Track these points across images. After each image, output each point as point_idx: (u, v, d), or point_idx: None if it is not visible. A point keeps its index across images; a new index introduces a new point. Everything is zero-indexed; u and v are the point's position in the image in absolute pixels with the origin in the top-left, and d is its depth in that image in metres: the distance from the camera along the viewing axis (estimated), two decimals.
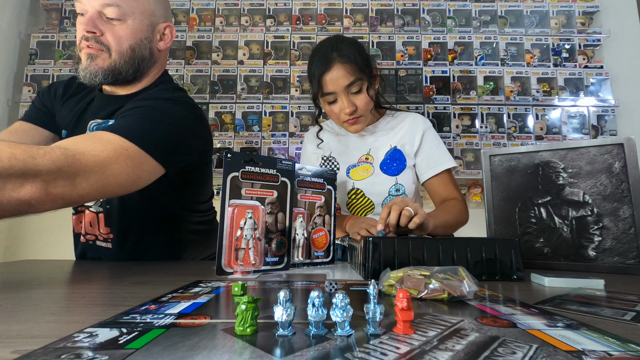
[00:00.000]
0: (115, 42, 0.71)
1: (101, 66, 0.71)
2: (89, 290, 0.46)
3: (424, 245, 0.57)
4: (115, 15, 0.70)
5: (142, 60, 0.75)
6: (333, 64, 0.87)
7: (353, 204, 0.98)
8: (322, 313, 0.28)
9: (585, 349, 0.25)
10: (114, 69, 0.72)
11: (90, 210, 0.77)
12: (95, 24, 0.69)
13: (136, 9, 0.72)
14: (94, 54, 0.71)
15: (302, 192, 0.70)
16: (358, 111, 0.90)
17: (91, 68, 0.71)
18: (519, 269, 0.57)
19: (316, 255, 0.71)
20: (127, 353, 0.23)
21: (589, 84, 1.54)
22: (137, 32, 0.73)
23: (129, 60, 0.73)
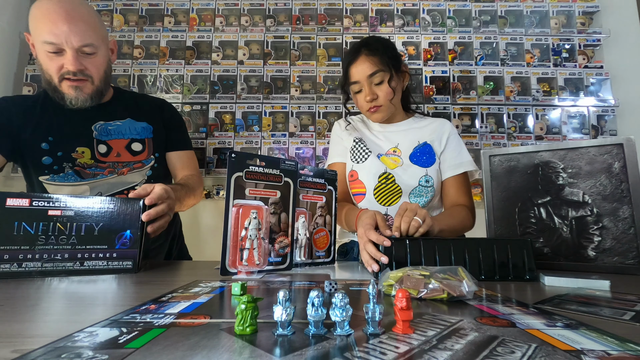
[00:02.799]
0: (96, 72, 0.86)
1: (88, 93, 0.85)
2: (89, 290, 0.46)
3: (435, 246, 0.58)
4: (91, 51, 0.82)
5: (109, 77, 0.92)
6: (359, 56, 0.95)
7: (382, 189, 0.98)
8: (321, 313, 0.28)
9: (584, 348, 0.25)
10: (98, 92, 0.88)
11: (135, 189, 0.86)
12: (80, 62, 0.81)
13: (101, 40, 0.85)
14: (81, 85, 0.84)
15: (304, 193, 0.70)
16: (378, 100, 0.96)
17: (81, 97, 0.85)
18: (531, 269, 0.57)
19: (317, 255, 0.71)
20: (127, 352, 0.23)
21: (589, 84, 1.54)
22: (105, 57, 0.88)
23: (105, 81, 0.89)
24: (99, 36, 0.84)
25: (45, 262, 0.58)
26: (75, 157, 0.88)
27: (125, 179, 0.92)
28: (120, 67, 1.55)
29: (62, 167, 0.88)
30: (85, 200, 0.62)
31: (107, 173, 0.90)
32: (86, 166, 0.89)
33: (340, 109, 1.52)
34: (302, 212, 0.69)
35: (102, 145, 0.91)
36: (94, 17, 0.84)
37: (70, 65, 0.80)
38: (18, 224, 0.57)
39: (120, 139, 0.93)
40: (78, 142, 0.89)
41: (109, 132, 0.93)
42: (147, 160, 0.95)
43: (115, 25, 1.58)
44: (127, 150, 0.93)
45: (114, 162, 0.91)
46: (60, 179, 0.88)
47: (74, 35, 0.78)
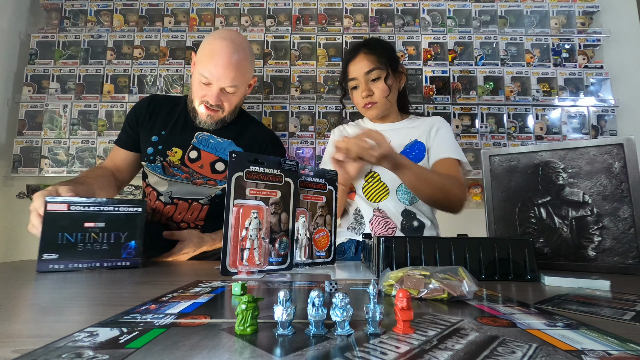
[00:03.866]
0: (229, 106, 0.99)
1: (216, 120, 0.99)
2: (89, 290, 0.46)
3: (435, 246, 0.58)
4: (233, 91, 0.97)
5: (238, 108, 1.04)
6: (358, 54, 1.00)
7: (368, 188, 1.02)
8: (322, 313, 0.28)
9: (585, 348, 0.25)
10: (223, 120, 1.01)
11: (199, 202, 0.99)
12: (220, 99, 0.95)
13: (244, 82, 0.99)
14: (213, 114, 0.98)
15: (304, 192, 0.70)
16: (374, 97, 1.00)
17: (209, 122, 0.99)
18: (532, 269, 0.57)
19: (318, 255, 0.71)
20: (127, 352, 0.23)
21: (589, 84, 1.54)
22: (242, 94, 1.02)
23: (232, 113, 1.02)
24: (244, 79, 0.98)
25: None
26: (168, 154, 0.99)
27: (195, 189, 0.99)
28: (121, 67, 1.55)
29: (155, 159, 0.99)
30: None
31: (183, 178, 0.99)
32: (172, 164, 0.99)
33: (340, 109, 1.52)
34: (302, 212, 0.69)
35: (194, 151, 1.00)
36: (247, 62, 0.98)
37: (211, 99, 0.94)
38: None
39: (211, 154, 1.01)
40: (177, 143, 1.00)
41: (207, 144, 1.02)
42: (221, 182, 1.00)
43: (115, 25, 1.58)
44: (210, 166, 1.00)
45: (194, 171, 0.99)
46: (151, 167, 1.00)
47: (224, 79, 0.93)
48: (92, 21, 1.59)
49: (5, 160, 1.49)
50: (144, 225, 0.68)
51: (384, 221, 0.99)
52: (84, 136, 1.50)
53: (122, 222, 0.67)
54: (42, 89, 1.54)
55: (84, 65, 1.55)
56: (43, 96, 1.52)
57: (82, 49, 1.56)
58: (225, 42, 0.92)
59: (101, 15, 1.60)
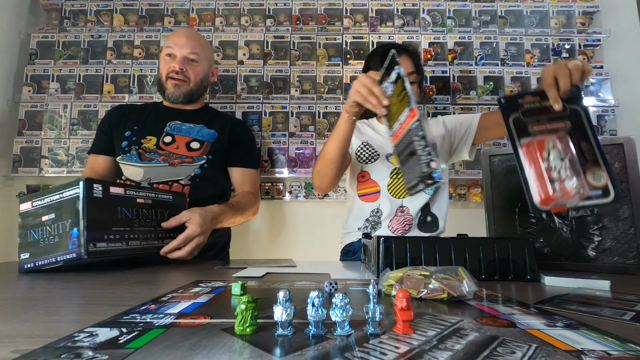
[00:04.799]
0: (194, 76, 1.09)
1: (183, 91, 1.08)
2: (89, 290, 0.46)
3: (435, 246, 0.57)
4: (195, 59, 1.08)
5: (204, 88, 1.16)
6: (402, 54, 1.02)
7: (394, 184, 1.04)
8: (321, 313, 0.28)
9: (585, 348, 0.25)
10: (191, 93, 1.09)
11: (180, 182, 1.01)
12: (183, 64, 1.06)
13: (205, 55, 1.11)
14: (179, 84, 1.07)
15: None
16: None
17: (177, 93, 1.07)
18: (532, 269, 0.57)
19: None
20: (127, 353, 0.23)
21: (589, 84, 1.54)
22: (204, 70, 1.12)
23: (198, 88, 1.11)
24: (204, 55, 1.11)
25: (142, 241, 0.69)
26: (143, 142, 1.04)
27: (174, 170, 1.02)
28: (121, 67, 1.54)
29: (130, 149, 1.03)
30: (154, 191, 0.76)
31: (161, 160, 1.02)
32: (147, 150, 1.03)
33: (341, 109, 1.52)
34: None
35: (168, 137, 1.06)
36: (206, 44, 1.14)
37: (176, 64, 1.04)
38: (120, 209, 0.67)
39: (185, 136, 1.07)
40: (151, 132, 1.05)
41: (180, 129, 1.08)
42: (198, 158, 1.05)
43: (115, 25, 1.58)
44: (185, 146, 1.05)
45: (170, 152, 1.03)
46: (126, 158, 1.03)
47: (186, 46, 1.06)
48: (92, 21, 1.59)
49: (5, 160, 1.49)
50: (86, 208, 0.60)
51: (403, 218, 1.02)
52: (84, 136, 1.50)
53: (65, 209, 0.61)
54: (42, 89, 1.54)
55: (84, 65, 1.55)
56: (43, 96, 1.52)
57: (82, 49, 1.56)
58: (186, 27, 1.06)
59: (101, 15, 1.60)
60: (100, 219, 0.62)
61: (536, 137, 0.57)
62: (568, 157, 0.55)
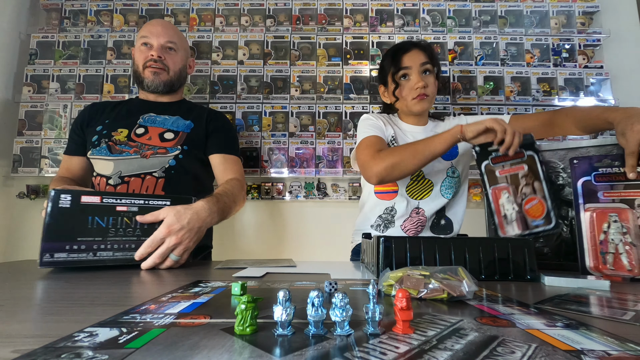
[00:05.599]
0: (172, 65, 1.07)
1: (162, 80, 1.05)
2: (89, 290, 0.46)
3: (435, 246, 0.57)
4: (173, 47, 1.06)
5: (183, 79, 1.13)
6: (413, 48, 1.03)
7: (414, 185, 1.04)
8: (321, 313, 0.28)
9: (585, 348, 0.25)
10: (170, 83, 1.07)
11: (153, 175, 0.96)
12: (162, 52, 1.04)
13: (181, 45, 1.10)
14: (158, 72, 1.04)
15: (500, 168, 0.73)
16: (427, 90, 1.01)
17: (156, 81, 1.05)
18: (532, 269, 0.57)
19: (535, 224, 0.69)
20: (127, 352, 0.23)
21: (589, 84, 1.54)
22: (182, 60, 1.10)
23: (178, 78, 1.09)
24: (181, 44, 1.09)
25: (116, 252, 0.65)
26: (113, 134, 0.99)
27: (145, 162, 0.96)
28: (121, 67, 1.55)
29: (100, 142, 0.98)
30: (147, 197, 0.70)
31: (132, 152, 0.96)
32: (117, 142, 0.98)
33: (341, 109, 1.52)
34: (502, 187, 0.70)
35: (141, 129, 1.01)
36: (181, 34, 1.12)
37: (154, 52, 1.02)
38: (92, 219, 0.64)
39: (159, 127, 1.02)
40: (122, 124, 1.01)
41: (154, 121, 1.04)
42: (172, 149, 0.99)
43: (115, 25, 1.58)
44: (158, 137, 1.00)
45: (142, 143, 0.98)
46: (96, 152, 0.98)
47: (163, 35, 1.04)
48: (92, 21, 1.59)
49: (5, 160, 1.49)
50: (47, 218, 0.61)
51: (417, 219, 1.02)
52: None
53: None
54: (42, 89, 1.54)
55: (84, 65, 1.55)
56: (43, 96, 1.52)
57: (82, 49, 1.56)
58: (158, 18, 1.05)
59: (101, 15, 1.60)
60: (62, 229, 0.61)
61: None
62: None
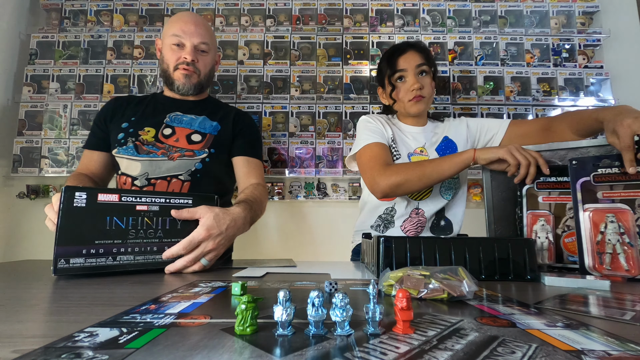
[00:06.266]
0: (203, 67, 1.03)
1: (193, 83, 1.02)
2: (89, 290, 0.46)
3: (435, 246, 0.57)
4: (205, 49, 1.02)
5: (211, 78, 1.10)
6: (409, 50, 1.02)
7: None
8: (321, 313, 0.28)
9: (585, 348, 0.25)
10: (199, 85, 1.04)
11: (179, 178, 0.95)
12: (195, 55, 1.00)
13: (212, 45, 1.05)
14: (190, 74, 1.01)
15: (545, 194, 0.69)
16: (423, 91, 1.01)
17: (187, 84, 1.01)
18: (532, 269, 0.57)
19: (571, 260, 0.66)
20: (127, 353, 0.23)
21: (589, 84, 1.54)
22: (212, 60, 1.07)
23: (207, 79, 1.07)
24: (212, 44, 1.05)
25: (137, 255, 0.60)
26: (140, 133, 0.97)
27: (172, 164, 0.95)
28: (121, 67, 1.55)
29: (127, 141, 0.97)
30: (168, 195, 0.65)
31: (159, 154, 0.96)
32: (145, 143, 0.96)
33: (341, 109, 1.52)
34: (541, 214, 0.67)
35: (168, 129, 1.00)
36: (211, 30, 1.07)
37: (187, 55, 0.98)
38: (110, 219, 0.59)
39: (186, 128, 1.01)
40: (149, 123, 0.99)
41: (181, 121, 1.02)
42: (199, 152, 0.98)
43: (115, 25, 1.58)
44: (186, 138, 0.99)
45: (170, 145, 0.97)
46: (122, 151, 0.96)
47: (196, 35, 0.99)
48: (92, 21, 1.59)
49: (5, 160, 1.49)
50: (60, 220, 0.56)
51: (417, 220, 1.01)
52: (84, 136, 1.50)
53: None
54: (42, 89, 1.54)
55: (84, 65, 1.55)
56: (43, 96, 1.52)
57: (82, 49, 1.56)
58: (188, 12, 1.03)
59: (101, 15, 1.60)
60: (78, 232, 0.56)
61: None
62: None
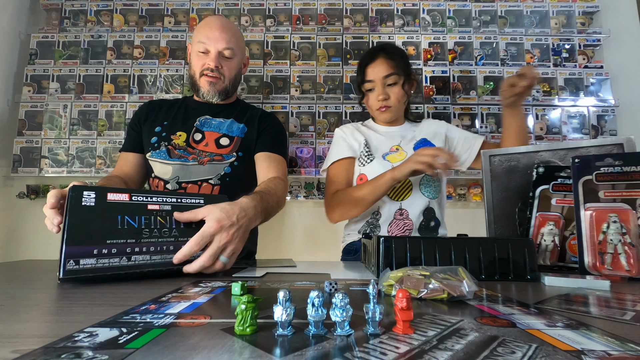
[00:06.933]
0: (228, 73, 1.02)
1: (218, 89, 1.02)
2: (89, 290, 0.46)
3: (435, 246, 0.57)
4: (230, 55, 1.00)
5: (238, 82, 1.09)
6: (377, 58, 1.02)
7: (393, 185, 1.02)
8: (321, 313, 0.28)
9: (585, 348, 0.25)
10: (225, 90, 1.03)
11: (209, 182, 0.97)
12: (219, 61, 0.99)
13: (239, 49, 1.03)
14: (214, 82, 1.00)
15: (560, 197, 0.67)
16: (389, 101, 1.03)
17: (212, 91, 1.01)
18: (533, 269, 0.57)
19: (573, 260, 0.66)
20: (127, 353, 0.23)
21: (589, 84, 1.54)
22: (238, 64, 1.05)
23: (233, 84, 1.05)
24: (238, 48, 1.03)
25: (153, 255, 0.56)
26: (172, 138, 1.00)
27: (202, 169, 0.97)
28: (121, 67, 1.55)
29: (160, 144, 0.99)
30: (178, 195, 0.63)
31: (190, 159, 0.98)
32: (177, 147, 0.99)
33: (341, 109, 1.52)
34: (552, 217, 0.66)
35: (198, 134, 1.02)
36: (238, 33, 1.05)
37: (211, 62, 0.98)
38: (121, 218, 0.55)
39: (215, 132, 1.02)
40: (180, 127, 1.02)
41: (210, 125, 1.03)
42: (227, 156, 1.00)
43: (115, 25, 1.58)
44: (215, 142, 1.01)
45: (201, 150, 1.00)
46: (155, 155, 0.99)
47: (221, 41, 0.98)
48: (92, 21, 1.59)
49: (5, 160, 1.49)
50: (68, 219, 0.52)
51: (403, 223, 1.00)
52: (84, 136, 1.50)
53: None
54: (42, 89, 1.54)
55: (84, 65, 1.55)
56: (43, 96, 1.52)
57: (82, 49, 1.56)
58: (216, 16, 1.08)
59: (101, 15, 1.60)
60: (88, 231, 0.52)
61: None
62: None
